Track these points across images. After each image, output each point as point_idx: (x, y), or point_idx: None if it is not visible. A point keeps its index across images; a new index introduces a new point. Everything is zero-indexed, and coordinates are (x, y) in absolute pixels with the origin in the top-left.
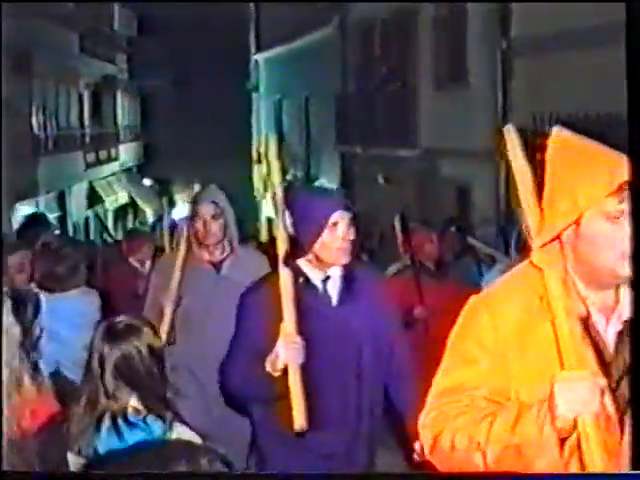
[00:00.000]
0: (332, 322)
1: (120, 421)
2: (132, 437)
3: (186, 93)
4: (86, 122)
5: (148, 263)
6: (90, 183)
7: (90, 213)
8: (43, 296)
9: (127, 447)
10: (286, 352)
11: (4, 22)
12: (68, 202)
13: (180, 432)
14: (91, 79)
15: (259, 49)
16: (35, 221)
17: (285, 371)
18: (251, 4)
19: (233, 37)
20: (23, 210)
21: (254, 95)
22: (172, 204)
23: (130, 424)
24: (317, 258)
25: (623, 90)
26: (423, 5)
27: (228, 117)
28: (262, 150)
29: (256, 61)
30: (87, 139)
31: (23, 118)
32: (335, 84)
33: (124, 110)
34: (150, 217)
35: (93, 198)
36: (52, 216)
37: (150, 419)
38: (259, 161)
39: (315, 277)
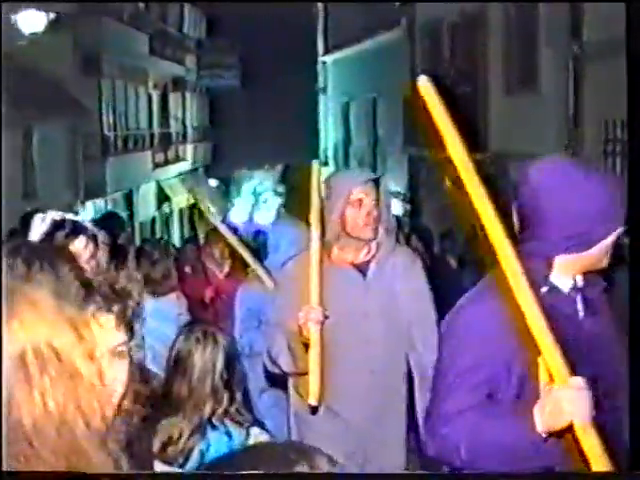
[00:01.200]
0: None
1: (218, 424)
2: (216, 441)
3: (254, 94)
4: (154, 122)
5: (227, 267)
6: (158, 183)
7: (157, 213)
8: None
9: (240, 450)
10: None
11: (73, 22)
12: (135, 202)
13: (257, 435)
14: (160, 80)
15: (327, 51)
16: (109, 221)
17: None
18: (319, 5)
19: (301, 38)
20: (50, 215)
21: (321, 96)
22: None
23: (214, 427)
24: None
25: None
26: (492, 7)
27: (295, 118)
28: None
29: (324, 62)
30: (155, 139)
31: (92, 118)
32: (403, 86)
33: (192, 111)
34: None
35: (160, 198)
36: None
37: (229, 423)
38: (326, 163)
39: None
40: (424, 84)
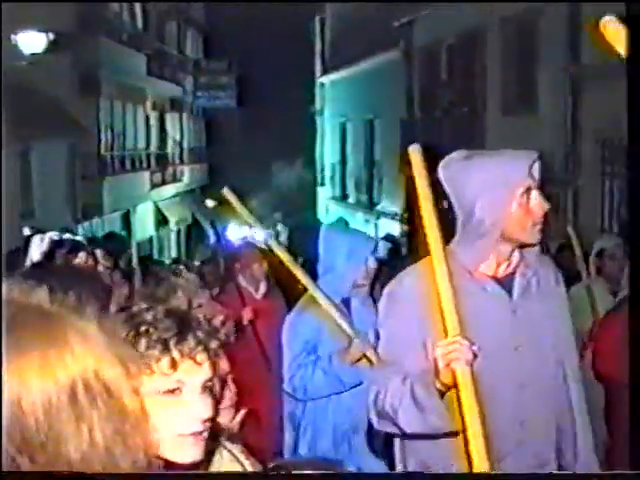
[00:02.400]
0: None
1: None
2: None
3: (251, 115)
4: (152, 143)
5: (263, 287)
6: (155, 203)
7: (154, 233)
8: None
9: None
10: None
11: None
12: (133, 222)
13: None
14: (158, 100)
15: (324, 72)
16: (110, 240)
17: None
18: (317, 25)
19: (298, 59)
20: (49, 235)
21: (318, 117)
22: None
23: None
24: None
25: None
26: (490, 28)
27: (292, 139)
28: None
29: (321, 84)
30: (153, 160)
31: (90, 138)
32: (400, 108)
33: (189, 131)
34: (212, 238)
35: (157, 218)
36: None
37: None
38: (322, 184)
39: None
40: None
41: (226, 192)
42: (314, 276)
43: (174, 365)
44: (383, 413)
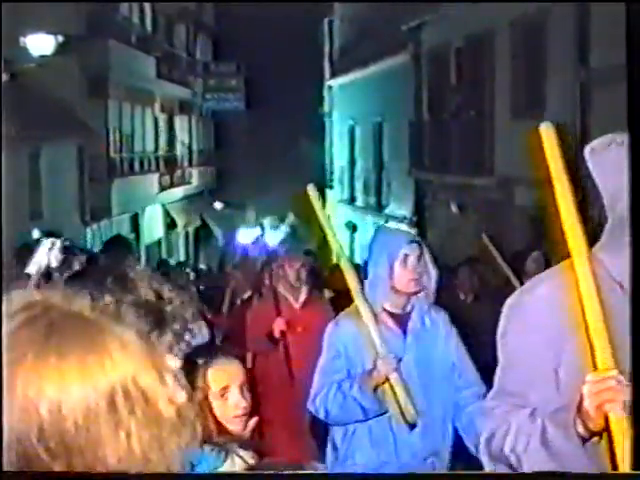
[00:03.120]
0: None
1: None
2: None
3: (260, 118)
4: (161, 145)
5: (304, 294)
6: (163, 206)
7: (162, 235)
8: None
9: None
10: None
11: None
12: (141, 224)
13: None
14: (167, 103)
15: (333, 75)
16: (117, 244)
17: None
18: (326, 28)
19: (307, 62)
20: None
21: (327, 120)
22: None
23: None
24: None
25: None
26: (499, 31)
27: (301, 142)
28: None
29: (330, 87)
30: (161, 162)
31: (99, 140)
32: (409, 111)
33: (198, 134)
34: (221, 241)
35: (166, 221)
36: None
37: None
38: (331, 187)
39: None
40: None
41: (310, 189)
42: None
43: None
44: (499, 456)
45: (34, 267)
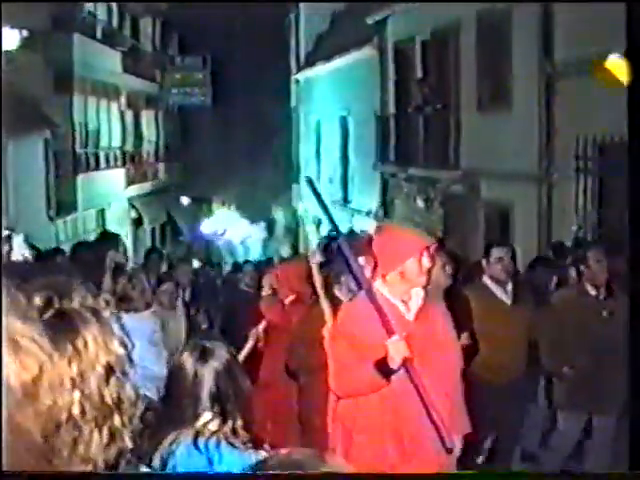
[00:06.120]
0: None
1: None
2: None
3: (226, 112)
4: (127, 140)
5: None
6: (129, 201)
7: (129, 231)
8: (124, 315)
9: None
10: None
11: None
12: (107, 219)
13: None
14: (133, 97)
15: (299, 68)
16: (104, 239)
17: None
18: (292, 23)
19: (274, 56)
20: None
21: (294, 114)
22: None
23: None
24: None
25: None
26: (465, 25)
27: (268, 136)
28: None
29: (296, 80)
30: (128, 157)
31: (65, 135)
32: (374, 104)
33: (165, 128)
34: (187, 235)
35: (132, 216)
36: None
37: (223, 443)
38: (297, 181)
39: None
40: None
41: (310, 181)
42: None
43: None
44: None
45: None
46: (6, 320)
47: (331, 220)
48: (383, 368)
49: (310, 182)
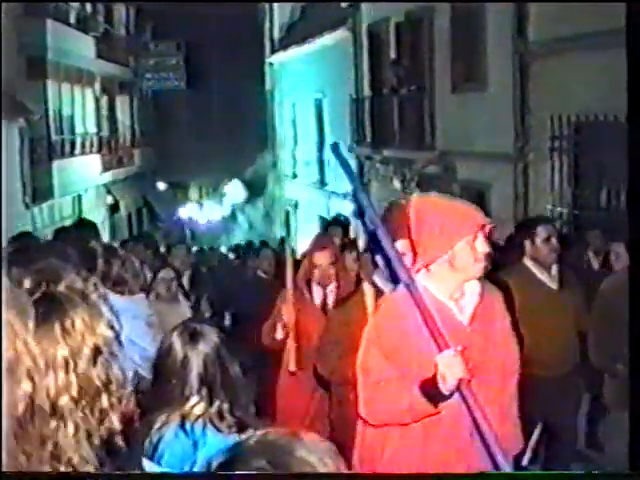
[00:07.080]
0: None
1: (201, 425)
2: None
3: (201, 96)
4: (102, 126)
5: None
6: (106, 186)
7: (106, 216)
8: (116, 298)
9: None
10: None
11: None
12: (84, 206)
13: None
14: (107, 83)
15: (273, 52)
16: (81, 227)
17: None
18: (265, 6)
19: (248, 40)
20: None
21: (269, 97)
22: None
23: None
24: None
25: None
26: (439, 7)
27: (243, 120)
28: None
29: (271, 64)
30: (103, 143)
31: (39, 122)
32: (349, 87)
33: (140, 114)
34: (164, 220)
35: (108, 201)
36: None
37: (209, 427)
38: (274, 165)
39: None
40: None
41: (335, 146)
42: None
43: None
44: None
45: None
46: None
47: (357, 190)
48: (431, 391)
49: (336, 147)
